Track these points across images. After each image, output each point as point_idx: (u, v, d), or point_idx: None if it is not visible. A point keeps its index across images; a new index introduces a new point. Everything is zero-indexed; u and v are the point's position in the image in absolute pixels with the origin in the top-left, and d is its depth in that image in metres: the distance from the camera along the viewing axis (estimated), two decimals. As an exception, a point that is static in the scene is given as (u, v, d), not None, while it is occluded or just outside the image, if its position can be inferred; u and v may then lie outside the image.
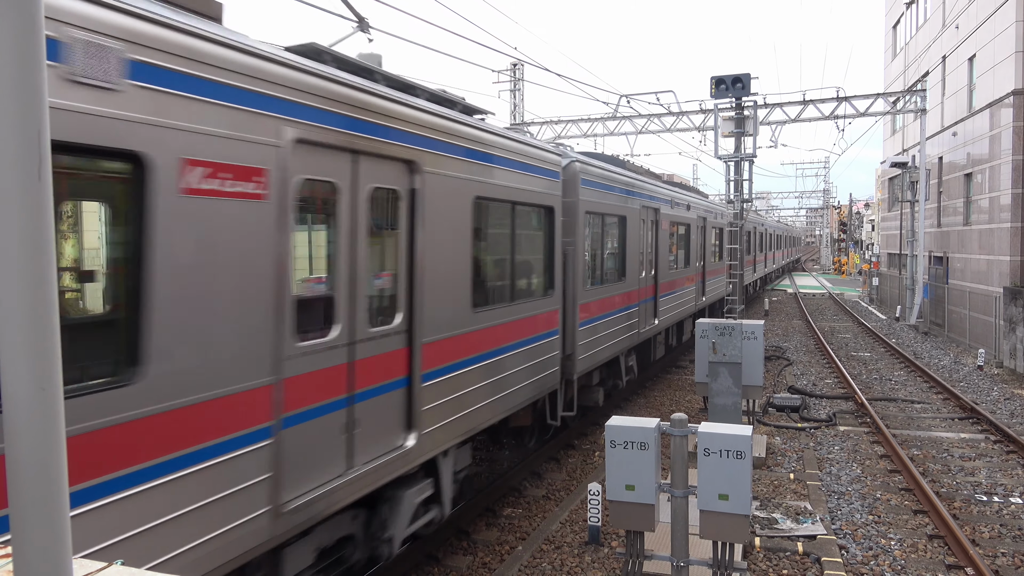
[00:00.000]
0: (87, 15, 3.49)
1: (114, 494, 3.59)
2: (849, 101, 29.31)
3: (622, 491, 6.10)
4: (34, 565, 1.28)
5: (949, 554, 8.16)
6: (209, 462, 4.13)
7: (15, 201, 1.27)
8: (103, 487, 3.54)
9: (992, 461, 11.54)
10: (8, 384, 1.32)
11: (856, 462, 11.47)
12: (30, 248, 1.29)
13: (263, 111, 4.55)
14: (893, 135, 38.48)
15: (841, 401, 15.69)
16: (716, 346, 10.63)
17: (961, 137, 26.84)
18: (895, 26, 37.88)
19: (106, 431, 3.56)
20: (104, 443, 3.55)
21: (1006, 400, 15.71)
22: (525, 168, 8.91)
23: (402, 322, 6.15)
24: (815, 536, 8.41)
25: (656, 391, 16.66)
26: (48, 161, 1.29)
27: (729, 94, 18.40)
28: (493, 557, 8.11)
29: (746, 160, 19.02)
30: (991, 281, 22.98)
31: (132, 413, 3.69)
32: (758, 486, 10.07)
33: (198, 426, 4.05)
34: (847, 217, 79.97)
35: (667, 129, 32.05)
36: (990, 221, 23.62)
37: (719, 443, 5.85)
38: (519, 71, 32.30)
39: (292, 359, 4.81)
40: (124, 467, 3.65)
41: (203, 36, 4.14)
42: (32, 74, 1.26)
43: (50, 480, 1.32)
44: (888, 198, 40.29)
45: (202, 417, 4.08)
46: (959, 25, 26.85)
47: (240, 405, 4.35)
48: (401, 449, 6.10)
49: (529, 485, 10.37)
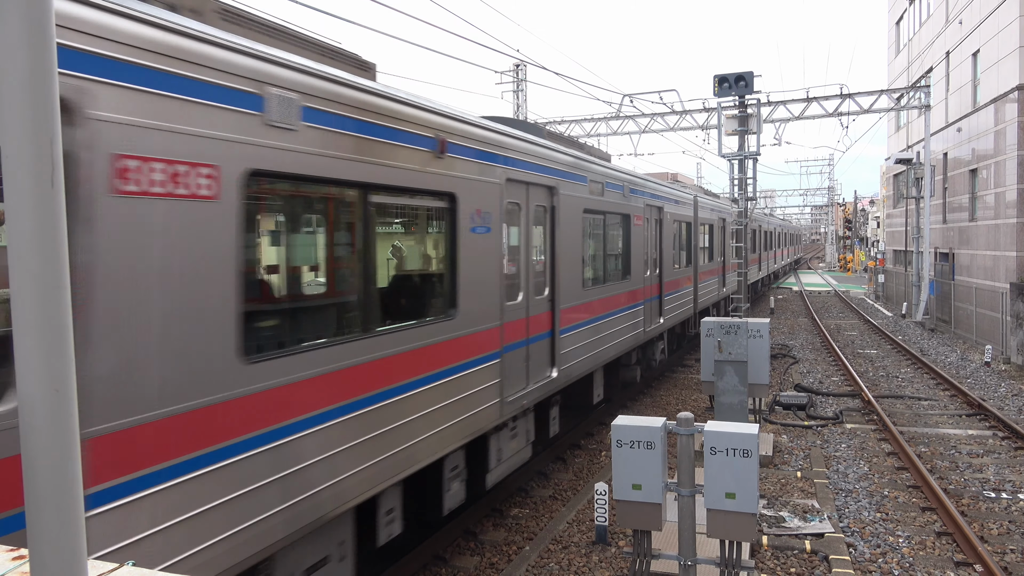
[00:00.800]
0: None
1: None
2: (853, 98, 29.27)
3: (629, 490, 6.10)
4: (50, 566, 1.31)
5: (958, 551, 8.15)
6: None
7: (30, 207, 1.30)
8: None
9: (1000, 457, 11.51)
10: (24, 385, 1.34)
11: (863, 459, 11.45)
12: (44, 252, 1.32)
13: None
14: (897, 131, 38.40)
15: (848, 399, 15.67)
16: (722, 345, 10.63)
17: (966, 133, 26.77)
18: (898, 22, 37.80)
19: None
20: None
21: (1014, 396, 15.66)
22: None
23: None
24: (823, 534, 8.41)
25: (662, 390, 16.65)
26: (60, 168, 1.32)
27: (732, 92, 18.36)
28: (500, 557, 8.12)
29: (750, 158, 18.99)
30: (997, 277, 22.92)
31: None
32: (765, 484, 10.06)
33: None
34: (852, 214, 79.80)
35: (670, 128, 32.04)
36: (996, 217, 23.56)
37: (726, 442, 5.85)
38: (521, 72, 32.32)
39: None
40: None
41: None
42: (44, 85, 1.29)
43: (65, 480, 1.35)
44: (893, 195, 40.22)
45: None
46: (963, 20, 26.78)
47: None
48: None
49: (536, 485, 10.38)
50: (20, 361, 1.34)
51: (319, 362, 5.07)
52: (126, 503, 3.67)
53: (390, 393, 5.95)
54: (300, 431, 4.84)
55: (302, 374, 4.90)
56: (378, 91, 5.87)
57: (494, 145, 7.85)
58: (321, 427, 5.06)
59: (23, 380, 1.34)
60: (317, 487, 4.99)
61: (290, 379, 4.79)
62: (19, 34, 1.27)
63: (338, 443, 5.23)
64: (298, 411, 4.84)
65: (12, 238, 1.32)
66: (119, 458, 3.64)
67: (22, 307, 1.32)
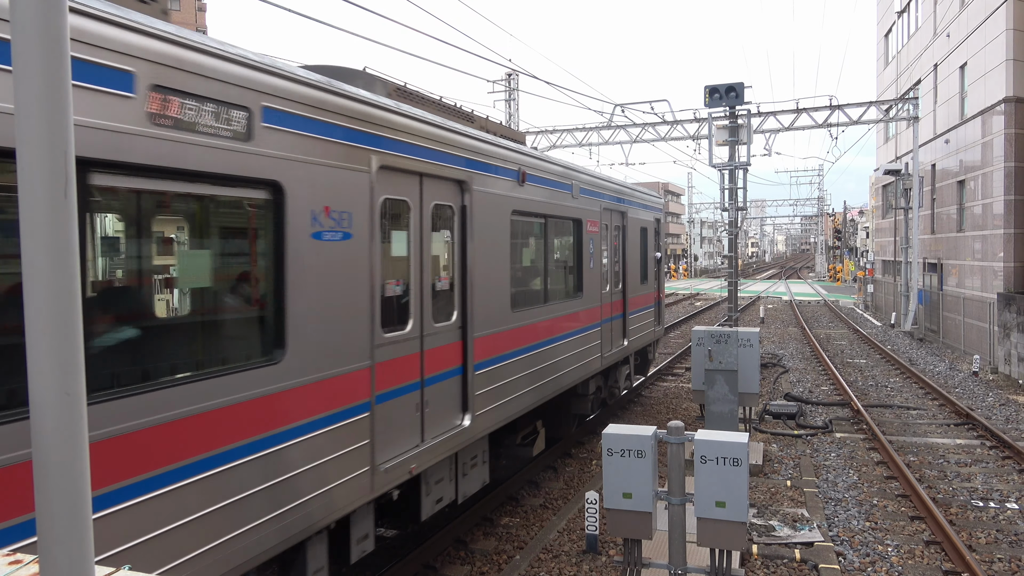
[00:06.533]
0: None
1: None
2: (842, 109, 29.52)
3: (619, 499, 6.13)
4: (60, 568, 1.34)
5: (946, 560, 8.20)
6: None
7: (44, 218, 1.35)
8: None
9: (988, 467, 11.60)
10: (35, 390, 1.39)
11: (853, 468, 11.51)
12: (57, 261, 1.37)
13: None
14: (886, 142, 38.70)
15: (837, 408, 15.75)
16: (712, 354, 10.68)
17: (954, 144, 27.02)
18: (887, 34, 38.15)
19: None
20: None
21: (1001, 406, 15.78)
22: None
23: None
24: (812, 543, 8.45)
25: (652, 399, 16.70)
26: (73, 181, 1.37)
27: (723, 103, 18.52)
28: (491, 567, 8.13)
29: (740, 168, 19.14)
30: (985, 287, 23.10)
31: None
32: (755, 493, 10.11)
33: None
34: (841, 224, 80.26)
35: (661, 138, 32.21)
36: (983, 227, 23.76)
37: (716, 450, 5.89)
38: (514, 81, 32.47)
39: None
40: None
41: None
42: (58, 99, 1.34)
43: (75, 483, 1.39)
44: (882, 205, 40.50)
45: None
46: (950, 33, 27.07)
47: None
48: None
49: (527, 494, 10.39)
50: (32, 366, 1.38)
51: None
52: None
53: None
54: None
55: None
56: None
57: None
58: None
59: (35, 385, 1.39)
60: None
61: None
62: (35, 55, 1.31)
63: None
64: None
65: (26, 248, 1.37)
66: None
67: (35, 314, 1.37)
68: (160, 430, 4.02)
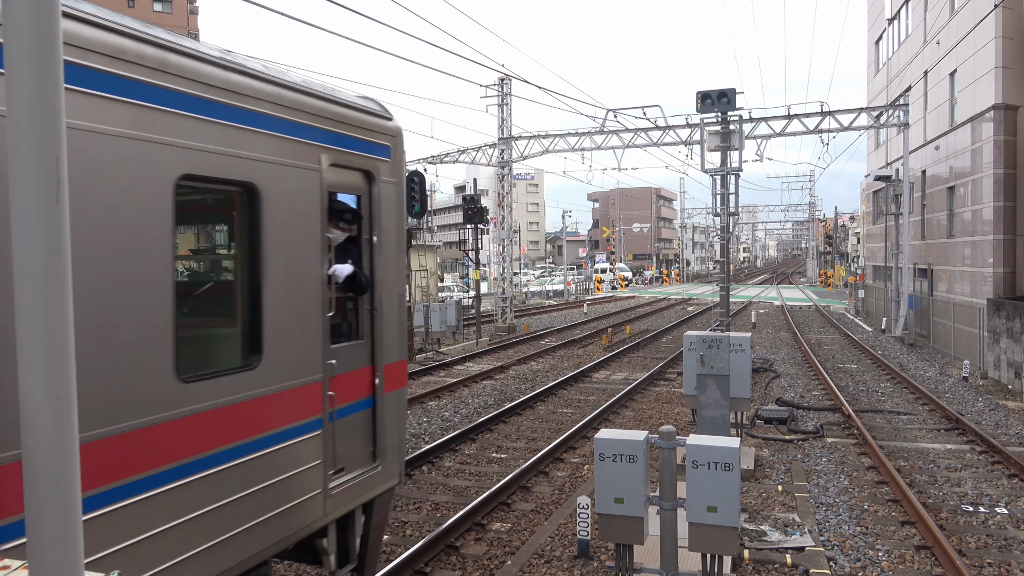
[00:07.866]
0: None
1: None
2: (833, 115, 29.69)
3: (611, 504, 6.14)
4: (50, 570, 1.34)
5: (936, 565, 8.23)
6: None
7: (35, 222, 1.35)
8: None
9: (978, 472, 11.65)
10: (25, 394, 1.38)
11: (844, 474, 11.54)
12: (48, 265, 1.37)
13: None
14: (877, 149, 38.91)
15: (828, 413, 15.79)
16: (704, 359, 10.70)
17: (944, 151, 27.19)
18: (877, 42, 38.38)
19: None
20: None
21: (991, 411, 15.86)
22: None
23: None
24: (803, 548, 8.47)
25: (644, 404, 16.71)
26: (65, 185, 1.36)
27: (715, 109, 18.61)
28: (482, 572, 8.11)
29: (732, 174, 19.21)
30: (975, 293, 23.23)
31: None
32: (746, 498, 10.12)
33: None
34: (833, 230, 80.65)
35: (654, 143, 32.30)
36: (973, 233, 23.90)
37: (707, 455, 5.90)
38: (506, 86, 32.52)
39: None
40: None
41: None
42: (50, 103, 1.33)
43: (65, 486, 1.39)
44: (873, 211, 40.68)
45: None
46: (940, 41, 27.25)
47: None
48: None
49: (518, 499, 10.38)
50: (23, 370, 1.38)
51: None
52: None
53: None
54: None
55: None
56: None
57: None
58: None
59: (26, 388, 1.39)
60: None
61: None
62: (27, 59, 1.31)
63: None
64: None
65: (18, 251, 1.37)
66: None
67: (26, 318, 1.36)
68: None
